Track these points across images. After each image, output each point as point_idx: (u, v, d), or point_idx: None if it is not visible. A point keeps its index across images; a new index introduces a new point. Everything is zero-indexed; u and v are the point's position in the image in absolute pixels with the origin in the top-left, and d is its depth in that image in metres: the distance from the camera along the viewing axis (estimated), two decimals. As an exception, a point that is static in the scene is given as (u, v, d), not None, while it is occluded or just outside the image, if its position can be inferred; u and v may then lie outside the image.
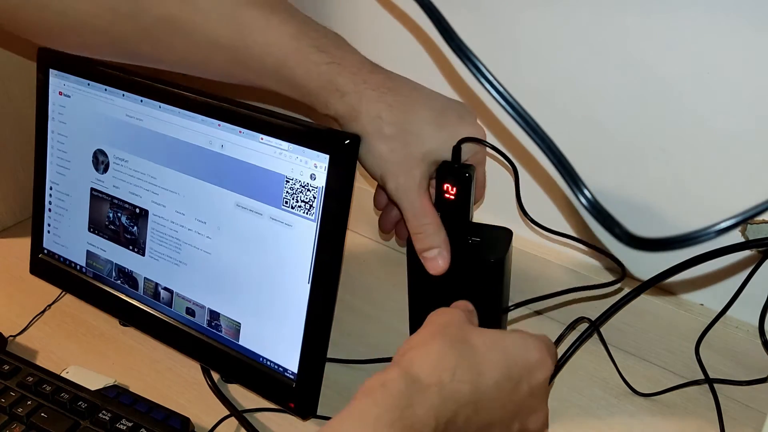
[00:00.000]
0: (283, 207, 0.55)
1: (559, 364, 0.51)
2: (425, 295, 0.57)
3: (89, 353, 0.65)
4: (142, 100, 0.61)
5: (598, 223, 0.33)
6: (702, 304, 0.61)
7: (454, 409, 0.40)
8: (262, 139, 0.55)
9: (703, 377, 0.60)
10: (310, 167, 0.53)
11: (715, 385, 0.59)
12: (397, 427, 0.36)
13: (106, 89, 0.63)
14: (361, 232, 0.83)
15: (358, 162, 0.51)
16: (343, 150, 0.51)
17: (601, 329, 0.65)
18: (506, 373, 0.43)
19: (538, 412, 0.46)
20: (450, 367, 0.41)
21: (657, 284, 0.62)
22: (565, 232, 0.60)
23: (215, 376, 0.62)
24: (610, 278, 0.63)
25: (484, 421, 0.42)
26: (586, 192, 0.33)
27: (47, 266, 0.70)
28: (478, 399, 0.41)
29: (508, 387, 0.43)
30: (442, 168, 0.52)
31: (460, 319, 0.46)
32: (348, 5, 0.70)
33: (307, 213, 0.54)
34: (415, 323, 0.59)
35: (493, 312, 0.56)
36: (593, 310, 0.64)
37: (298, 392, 0.56)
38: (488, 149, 0.54)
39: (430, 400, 0.38)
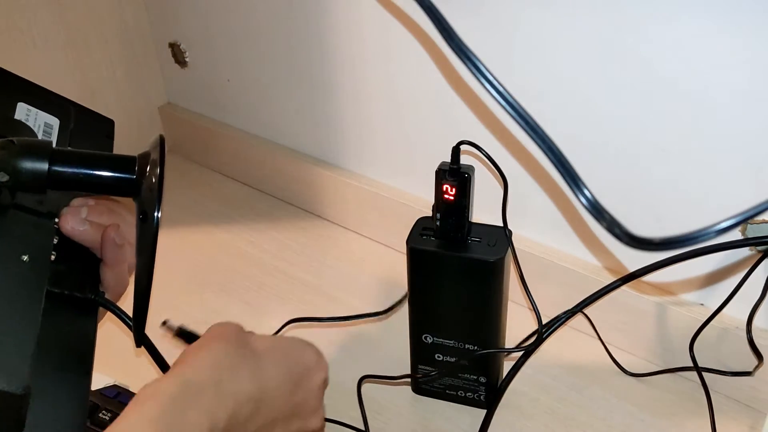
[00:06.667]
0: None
1: (541, 337, 0.52)
2: (425, 294, 0.57)
3: (89, 353, 0.65)
4: None
5: (598, 223, 0.33)
6: (702, 304, 0.61)
7: (233, 407, 0.39)
8: None
9: (703, 376, 0.60)
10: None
11: (713, 385, 0.60)
12: None
13: None
14: (362, 233, 0.83)
15: None
16: None
17: (602, 329, 0.65)
18: (287, 373, 0.44)
19: (317, 411, 0.47)
20: (229, 366, 0.41)
21: (657, 284, 0.62)
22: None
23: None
24: (610, 278, 0.63)
25: (267, 418, 0.42)
26: (586, 192, 0.33)
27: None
28: (261, 397, 0.41)
29: (290, 387, 0.44)
30: (441, 169, 0.52)
31: (238, 327, 0.45)
32: (349, 6, 0.70)
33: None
34: (416, 323, 0.59)
35: (493, 312, 0.56)
36: (596, 308, 0.64)
37: None
38: (483, 157, 0.54)
39: (204, 401, 0.38)
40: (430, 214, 0.55)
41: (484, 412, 0.60)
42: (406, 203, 0.76)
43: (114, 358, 0.65)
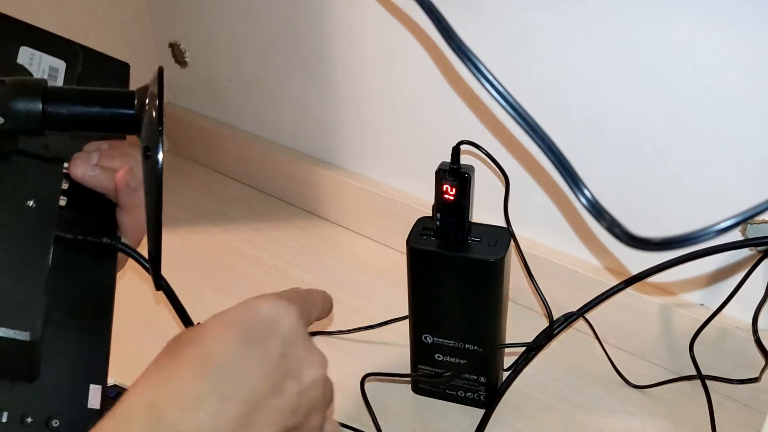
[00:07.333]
0: None
1: (542, 342, 0.52)
2: (426, 295, 0.57)
3: (89, 353, 0.65)
4: None
5: (598, 223, 0.33)
6: (702, 304, 0.61)
7: None
8: None
9: (705, 376, 0.60)
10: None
11: (713, 385, 0.60)
12: None
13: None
14: (362, 233, 0.83)
15: None
16: None
17: (601, 330, 0.65)
18: (261, 366, 0.37)
19: (317, 411, 0.39)
20: (206, 399, 0.34)
21: (657, 284, 0.62)
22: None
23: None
24: (610, 278, 0.64)
25: (274, 414, 0.36)
26: (586, 192, 0.33)
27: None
28: (250, 410, 0.35)
29: (268, 369, 0.37)
30: (441, 169, 0.52)
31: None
32: (350, 6, 0.70)
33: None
34: (416, 323, 0.59)
35: (493, 312, 0.56)
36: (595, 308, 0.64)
37: None
38: (483, 156, 0.54)
39: None
40: (430, 214, 0.55)
41: (483, 412, 0.60)
42: (406, 203, 0.76)
43: (114, 358, 0.65)
